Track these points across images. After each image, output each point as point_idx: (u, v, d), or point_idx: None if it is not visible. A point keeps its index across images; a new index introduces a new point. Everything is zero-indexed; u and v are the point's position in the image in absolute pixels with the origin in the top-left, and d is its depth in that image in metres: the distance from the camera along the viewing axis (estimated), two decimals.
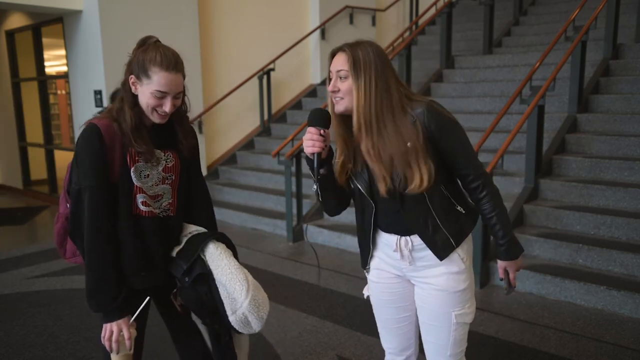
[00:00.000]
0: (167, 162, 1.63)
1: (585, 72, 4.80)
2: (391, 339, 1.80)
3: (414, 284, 1.69)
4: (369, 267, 1.75)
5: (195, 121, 6.21)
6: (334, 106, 1.57)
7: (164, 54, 1.51)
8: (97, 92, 5.74)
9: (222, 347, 1.71)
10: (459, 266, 1.61)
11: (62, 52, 6.27)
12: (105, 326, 1.56)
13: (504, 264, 1.66)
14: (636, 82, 4.99)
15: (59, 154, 7.13)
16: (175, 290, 1.68)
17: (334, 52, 1.57)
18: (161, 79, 1.50)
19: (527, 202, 4.12)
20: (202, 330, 1.74)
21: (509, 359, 2.77)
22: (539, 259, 3.76)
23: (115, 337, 1.54)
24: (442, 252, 1.58)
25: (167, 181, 1.64)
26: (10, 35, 7.24)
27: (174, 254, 1.67)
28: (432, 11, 7.52)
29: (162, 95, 1.51)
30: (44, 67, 6.97)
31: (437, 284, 1.61)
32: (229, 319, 1.59)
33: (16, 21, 6.99)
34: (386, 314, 1.77)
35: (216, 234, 1.71)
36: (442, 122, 1.52)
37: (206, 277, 1.61)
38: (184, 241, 1.69)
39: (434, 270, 1.62)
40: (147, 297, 1.62)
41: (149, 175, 1.59)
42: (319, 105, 1.72)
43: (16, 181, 7.76)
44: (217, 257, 1.62)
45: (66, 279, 4.08)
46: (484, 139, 3.86)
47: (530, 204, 4.11)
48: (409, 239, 1.61)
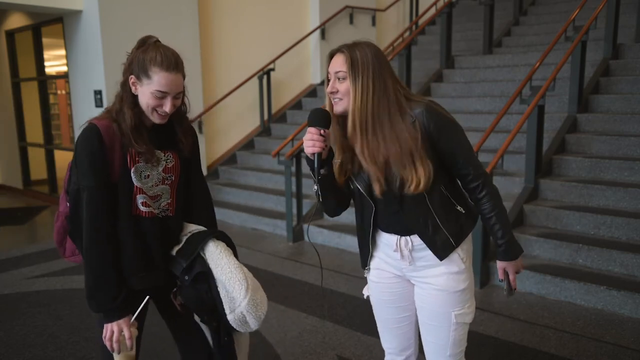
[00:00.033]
0: (167, 162, 1.63)
1: (585, 72, 4.80)
2: (391, 339, 1.80)
3: (414, 283, 1.69)
4: (368, 267, 1.75)
5: (195, 121, 6.21)
6: (332, 107, 1.57)
7: (164, 54, 1.51)
8: (97, 92, 5.74)
9: (222, 347, 1.71)
10: (459, 266, 1.61)
11: (62, 52, 6.27)
12: (105, 326, 1.56)
13: (503, 265, 1.66)
14: (636, 82, 4.99)
15: (59, 154, 7.13)
16: (175, 289, 1.68)
17: (332, 54, 1.57)
18: (161, 79, 1.50)
19: (527, 202, 4.12)
20: (205, 329, 1.74)
21: (509, 359, 2.77)
22: (539, 259, 3.76)
23: (116, 337, 1.55)
24: (442, 252, 1.59)
25: (166, 181, 1.64)
26: (10, 35, 7.24)
27: (173, 253, 1.67)
28: (432, 11, 7.52)
29: (163, 95, 1.51)
30: (44, 67, 6.96)
31: (437, 284, 1.61)
32: (227, 317, 1.59)
33: (16, 21, 6.99)
34: (386, 314, 1.77)
35: (216, 232, 1.70)
36: (441, 122, 1.52)
37: (206, 275, 1.61)
38: (183, 240, 1.69)
39: (433, 270, 1.62)
40: (147, 297, 1.62)
41: (149, 175, 1.59)
42: (319, 105, 1.72)
43: (16, 181, 7.76)
44: (216, 256, 1.62)
45: (66, 279, 4.08)
46: (484, 139, 3.86)
47: (530, 204, 4.11)
48: (409, 239, 1.61)
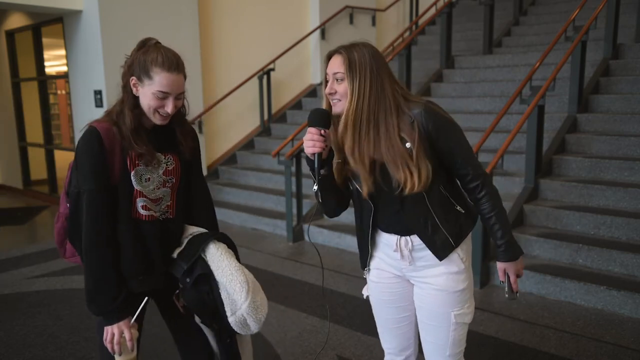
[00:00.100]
0: (167, 165, 1.63)
1: (585, 72, 4.80)
2: (391, 339, 1.80)
3: (414, 283, 1.69)
4: (368, 267, 1.75)
5: (195, 121, 6.21)
6: (331, 108, 1.57)
7: (165, 55, 1.51)
8: (97, 92, 5.74)
9: (226, 348, 1.71)
10: (459, 266, 1.61)
11: (62, 52, 6.27)
12: (106, 329, 1.55)
13: (503, 266, 1.66)
14: (636, 82, 4.99)
15: (59, 154, 7.13)
16: (177, 291, 1.68)
17: (329, 55, 1.57)
18: (163, 80, 1.50)
19: (527, 202, 4.12)
20: (206, 331, 1.74)
21: (509, 359, 2.77)
22: (539, 259, 3.76)
23: (116, 339, 1.54)
24: (441, 252, 1.59)
25: (167, 184, 1.63)
26: (10, 35, 7.24)
27: (174, 255, 1.67)
28: (432, 11, 7.52)
29: (164, 95, 1.51)
30: (44, 67, 6.96)
31: (437, 284, 1.61)
32: (228, 319, 1.59)
33: (16, 21, 6.99)
34: (386, 314, 1.77)
35: (217, 234, 1.70)
36: (439, 122, 1.52)
37: (207, 277, 1.61)
38: (184, 242, 1.69)
39: (433, 270, 1.62)
40: (146, 298, 1.62)
41: (149, 178, 1.59)
42: (319, 105, 1.72)
43: (16, 181, 7.76)
44: (217, 258, 1.62)
45: (66, 279, 4.08)
46: (484, 139, 3.86)
47: (530, 204, 4.11)
48: (409, 239, 1.61)
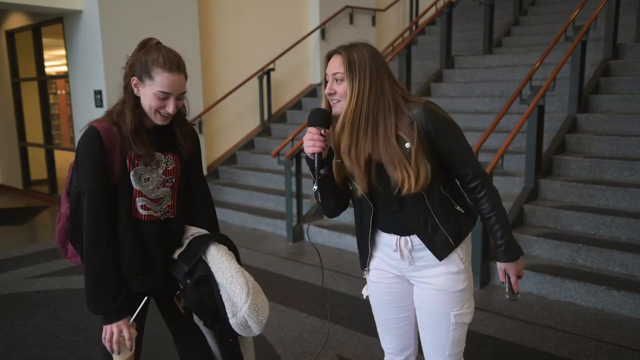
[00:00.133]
0: (167, 164, 1.63)
1: (585, 72, 4.80)
2: (390, 339, 1.80)
3: (413, 284, 1.69)
4: (368, 267, 1.75)
5: (195, 121, 6.21)
6: (330, 108, 1.57)
7: (166, 55, 1.51)
8: (97, 92, 5.74)
9: (228, 349, 1.71)
10: (458, 266, 1.61)
11: (62, 52, 6.27)
12: (105, 328, 1.56)
13: (503, 266, 1.66)
14: (636, 82, 4.99)
15: (59, 154, 7.13)
16: (178, 292, 1.68)
17: (329, 55, 1.57)
18: (164, 80, 1.50)
19: (527, 202, 4.12)
20: (206, 332, 1.74)
21: (509, 359, 2.77)
22: (539, 259, 3.76)
23: (115, 338, 1.55)
24: (441, 252, 1.58)
25: (167, 184, 1.63)
26: (10, 35, 7.24)
27: (175, 256, 1.67)
28: (432, 11, 7.52)
29: (165, 96, 1.51)
30: (44, 67, 6.96)
31: (436, 284, 1.61)
32: (229, 321, 1.59)
33: (16, 21, 6.99)
34: (385, 314, 1.77)
35: (218, 236, 1.70)
36: (439, 122, 1.52)
37: (208, 279, 1.61)
38: (185, 243, 1.69)
39: (433, 270, 1.62)
40: (146, 297, 1.62)
41: (149, 178, 1.59)
42: (319, 105, 1.72)
43: (16, 181, 7.76)
44: (218, 260, 1.62)
45: (66, 279, 4.08)
46: (484, 139, 3.86)
47: (530, 204, 4.11)
48: (409, 239, 1.61)
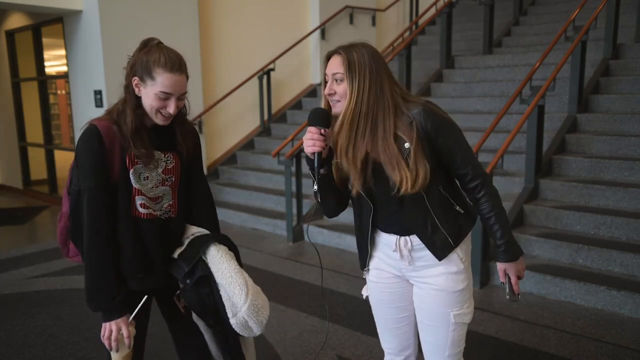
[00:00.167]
0: (167, 163, 1.63)
1: (585, 72, 4.80)
2: (390, 339, 1.80)
3: (413, 284, 1.69)
4: (367, 267, 1.75)
5: (195, 121, 6.21)
6: (330, 108, 1.57)
7: (167, 56, 1.51)
8: (97, 92, 5.74)
9: (230, 348, 1.71)
10: (458, 266, 1.61)
11: (62, 52, 6.27)
12: (104, 325, 1.56)
13: (503, 266, 1.65)
14: (636, 82, 4.99)
15: (59, 154, 7.13)
16: (178, 291, 1.68)
17: (329, 55, 1.56)
18: (165, 80, 1.50)
19: (527, 202, 4.12)
20: (204, 331, 1.74)
21: (509, 359, 2.77)
22: (539, 259, 3.76)
23: (114, 335, 1.55)
24: (440, 252, 1.58)
25: (166, 183, 1.63)
26: (10, 35, 7.24)
27: (175, 256, 1.67)
28: (432, 11, 7.52)
29: (167, 96, 1.52)
30: (44, 67, 6.96)
31: (436, 284, 1.61)
32: (230, 321, 1.59)
33: (16, 21, 6.99)
34: (385, 314, 1.77)
35: (218, 236, 1.70)
36: (438, 122, 1.52)
37: (208, 279, 1.61)
38: (185, 243, 1.69)
39: (432, 270, 1.62)
40: (145, 296, 1.62)
41: (148, 177, 1.59)
42: (319, 105, 1.72)
43: (16, 181, 7.76)
44: (218, 260, 1.62)
45: (66, 279, 4.08)
46: (484, 139, 3.86)
47: (530, 204, 4.11)
48: (408, 239, 1.61)
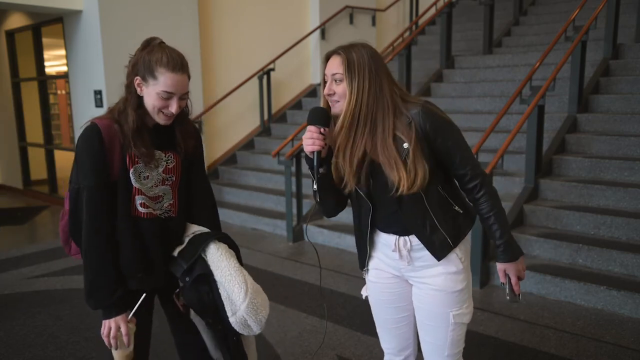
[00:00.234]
0: (167, 163, 1.63)
1: (585, 72, 4.80)
2: (390, 339, 1.80)
3: (412, 284, 1.69)
4: (367, 268, 1.75)
5: (195, 121, 6.20)
6: (329, 108, 1.57)
7: (170, 55, 1.51)
8: (97, 92, 5.74)
9: (229, 347, 1.71)
10: (457, 266, 1.61)
11: (62, 52, 6.27)
12: (104, 323, 1.57)
13: (503, 267, 1.64)
14: (636, 82, 4.99)
15: (59, 154, 7.13)
16: (177, 290, 1.68)
17: (328, 55, 1.57)
18: (167, 80, 1.50)
19: (527, 202, 4.12)
20: (202, 330, 1.74)
21: (509, 359, 2.77)
22: (539, 259, 3.76)
23: (113, 333, 1.56)
24: (439, 252, 1.58)
25: (167, 182, 1.63)
26: (10, 35, 7.24)
27: (175, 254, 1.67)
28: (432, 11, 7.52)
29: (169, 95, 1.52)
30: (44, 67, 6.96)
31: (435, 284, 1.61)
32: (229, 320, 1.59)
33: (16, 21, 6.99)
34: (385, 314, 1.77)
35: (219, 234, 1.70)
36: (437, 122, 1.52)
37: (207, 277, 1.61)
38: (186, 241, 1.69)
39: (431, 270, 1.61)
40: (144, 294, 1.62)
41: (148, 176, 1.59)
42: (319, 105, 1.72)
43: (16, 181, 7.76)
44: (217, 258, 1.61)
45: (66, 279, 4.08)
46: (484, 139, 3.86)
47: (530, 204, 4.11)
48: (408, 239, 1.61)
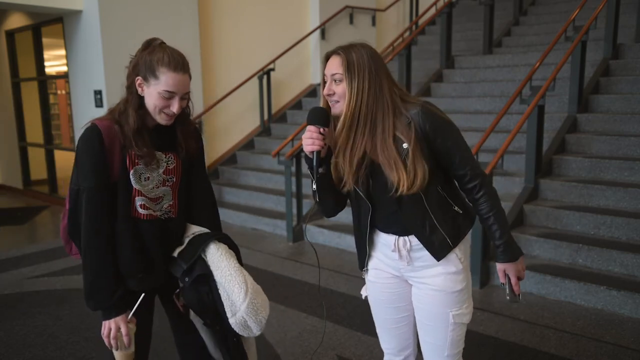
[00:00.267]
0: (168, 164, 1.63)
1: (585, 72, 4.80)
2: (389, 339, 1.80)
3: (412, 284, 1.69)
4: (366, 268, 1.75)
5: (195, 121, 6.20)
6: (329, 108, 1.57)
7: (171, 55, 1.52)
8: (97, 92, 5.74)
9: (229, 348, 1.71)
10: (457, 266, 1.61)
11: (62, 52, 6.27)
12: (104, 323, 1.57)
13: (503, 267, 1.64)
14: (636, 82, 4.99)
15: (59, 154, 7.13)
16: (178, 290, 1.68)
17: (327, 55, 1.56)
18: (169, 79, 1.50)
19: (527, 202, 4.12)
20: (201, 330, 1.74)
21: (509, 359, 2.77)
22: (539, 259, 3.76)
23: (113, 333, 1.56)
24: (439, 252, 1.58)
25: (167, 183, 1.63)
26: (10, 35, 7.24)
27: (175, 254, 1.67)
28: (432, 11, 7.52)
29: (170, 95, 1.52)
30: (44, 67, 6.96)
31: (435, 284, 1.61)
32: (229, 321, 1.58)
33: (16, 21, 6.99)
34: (384, 314, 1.77)
35: (219, 234, 1.70)
36: (436, 122, 1.52)
37: (207, 277, 1.61)
38: (186, 242, 1.69)
39: (431, 270, 1.61)
40: (142, 294, 1.62)
41: (149, 177, 1.59)
42: (319, 105, 1.72)
43: (16, 181, 7.76)
44: (217, 259, 1.61)
45: (66, 279, 4.08)
46: (484, 139, 3.86)
47: (530, 204, 4.11)
48: (407, 239, 1.61)
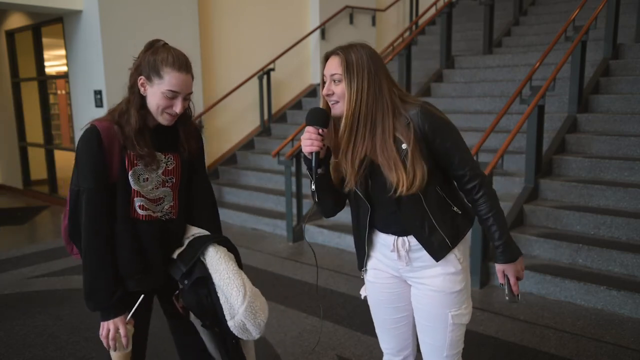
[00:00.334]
0: (167, 164, 1.63)
1: (585, 72, 4.80)
2: (389, 339, 1.80)
3: (411, 284, 1.69)
4: (365, 268, 1.75)
5: (195, 121, 6.20)
6: (329, 108, 1.57)
7: (175, 55, 1.53)
8: (97, 92, 5.74)
9: (230, 351, 1.71)
10: (456, 267, 1.60)
11: (62, 52, 6.27)
12: (102, 324, 1.57)
13: (502, 267, 1.64)
14: (636, 82, 4.99)
15: (59, 154, 7.13)
16: (177, 292, 1.68)
17: (327, 56, 1.57)
18: (173, 79, 1.51)
19: (527, 202, 4.12)
20: (201, 332, 1.74)
21: (509, 359, 2.77)
22: (539, 259, 3.76)
23: (111, 334, 1.56)
24: (438, 253, 1.58)
25: (167, 184, 1.63)
26: (10, 35, 7.24)
27: (175, 256, 1.67)
28: (432, 11, 7.52)
29: (174, 95, 1.52)
30: (44, 67, 6.96)
31: (434, 285, 1.61)
32: (228, 324, 1.58)
33: (16, 21, 6.99)
34: (384, 314, 1.77)
35: (218, 237, 1.70)
36: (435, 123, 1.52)
37: (206, 280, 1.61)
38: (185, 243, 1.69)
39: (430, 270, 1.61)
40: (142, 295, 1.62)
41: (148, 178, 1.59)
42: (319, 105, 1.72)
43: (16, 181, 7.76)
44: (216, 261, 1.61)
45: (66, 279, 4.08)
46: (484, 139, 3.86)
47: (530, 204, 4.11)
48: (406, 239, 1.60)
